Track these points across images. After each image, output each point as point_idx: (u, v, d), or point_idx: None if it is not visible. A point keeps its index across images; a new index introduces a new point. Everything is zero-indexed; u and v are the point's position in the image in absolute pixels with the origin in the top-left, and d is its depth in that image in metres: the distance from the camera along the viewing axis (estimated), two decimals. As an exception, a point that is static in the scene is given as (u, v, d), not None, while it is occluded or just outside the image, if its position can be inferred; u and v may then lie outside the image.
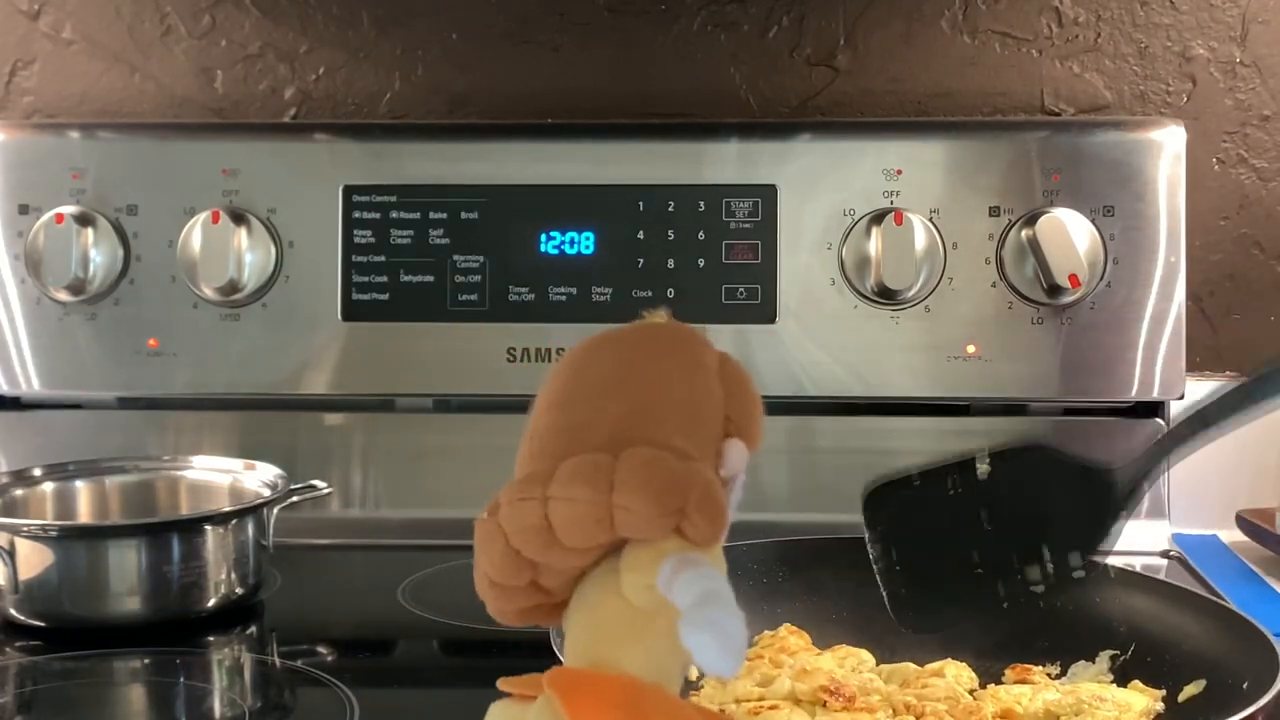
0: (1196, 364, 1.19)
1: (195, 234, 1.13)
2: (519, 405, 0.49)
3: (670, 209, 1.14)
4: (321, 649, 0.95)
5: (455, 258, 1.14)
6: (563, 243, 1.14)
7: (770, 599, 0.84)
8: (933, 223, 1.12)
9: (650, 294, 1.13)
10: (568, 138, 1.18)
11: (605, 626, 0.48)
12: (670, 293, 1.13)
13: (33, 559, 0.92)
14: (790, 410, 1.16)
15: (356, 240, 1.15)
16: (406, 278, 1.14)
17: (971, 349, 1.12)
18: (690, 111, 1.24)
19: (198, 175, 1.15)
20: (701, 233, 1.13)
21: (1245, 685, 0.69)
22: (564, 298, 1.14)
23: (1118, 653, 0.80)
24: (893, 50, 1.23)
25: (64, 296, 1.14)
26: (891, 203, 1.12)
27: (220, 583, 0.96)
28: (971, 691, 0.76)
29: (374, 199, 1.15)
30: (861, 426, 1.16)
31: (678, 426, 0.49)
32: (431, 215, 1.14)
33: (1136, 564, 1.05)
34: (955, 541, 0.72)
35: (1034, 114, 1.23)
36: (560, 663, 0.70)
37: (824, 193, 1.13)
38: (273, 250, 1.14)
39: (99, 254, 1.14)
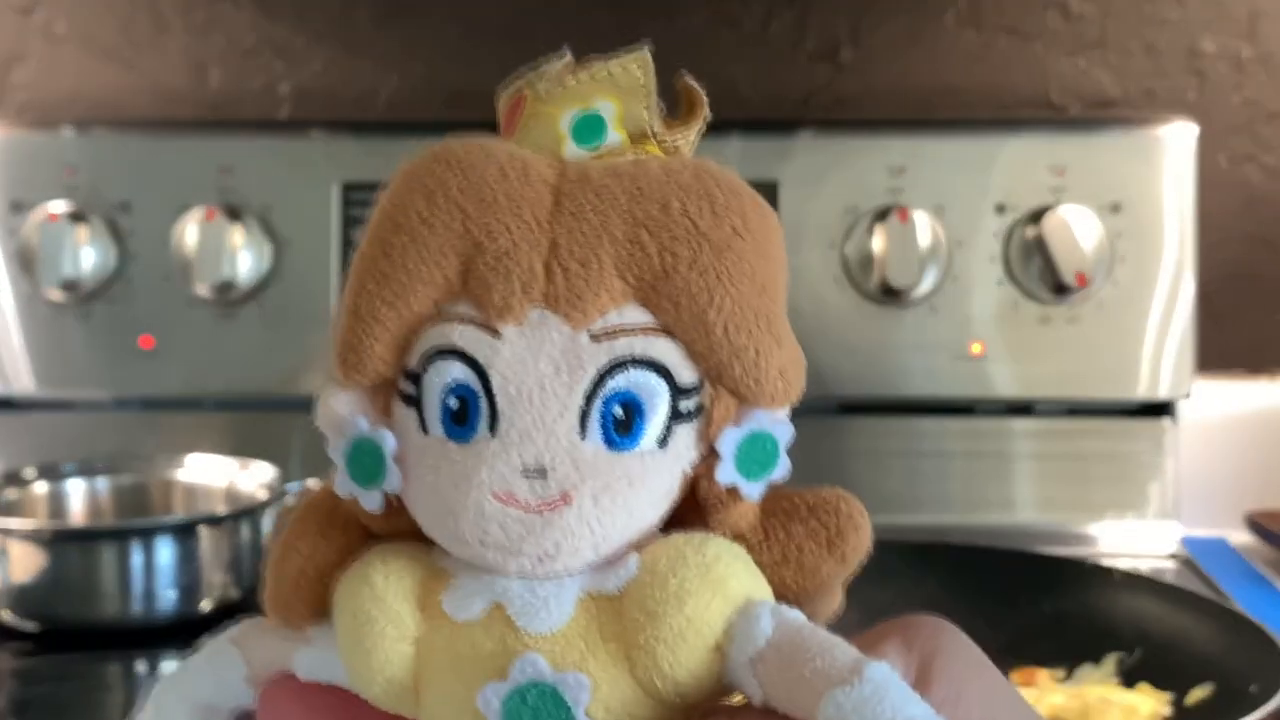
0: (1204, 363, 1.18)
1: (190, 232, 1.12)
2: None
3: (671, 206, 1.13)
4: (317, 652, 0.94)
5: (453, 256, 1.13)
6: (562, 240, 1.13)
7: (771, 601, 0.83)
8: (937, 220, 1.11)
9: (651, 292, 1.13)
10: (567, 134, 1.17)
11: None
12: (671, 291, 1.13)
13: (25, 561, 0.92)
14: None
15: (353, 238, 1.14)
16: (404, 276, 1.13)
17: (976, 348, 1.11)
18: (691, 108, 1.23)
19: (192, 172, 1.14)
20: (703, 230, 1.12)
21: (1253, 689, 0.69)
22: (563, 296, 1.13)
23: (1124, 655, 0.79)
24: (897, 46, 1.22)
25: (57, 295, 1.13)
26: (895, 200, 1.11)
27: (215, 585, 0.95)
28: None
29: (371, 196, 1.14)
30: (865, 426, 1.15)
31: None
32: (429, 213, 1.14)
33: (1143, 566, 1.04)
34: None
35: (1040, 110, 1.22)
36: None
37: (827, 190, 1.12)
38: (268, 248, 1.14)
39: (92, 252, 1.13)
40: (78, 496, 1.05)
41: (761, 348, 0.34)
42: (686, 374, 0.34)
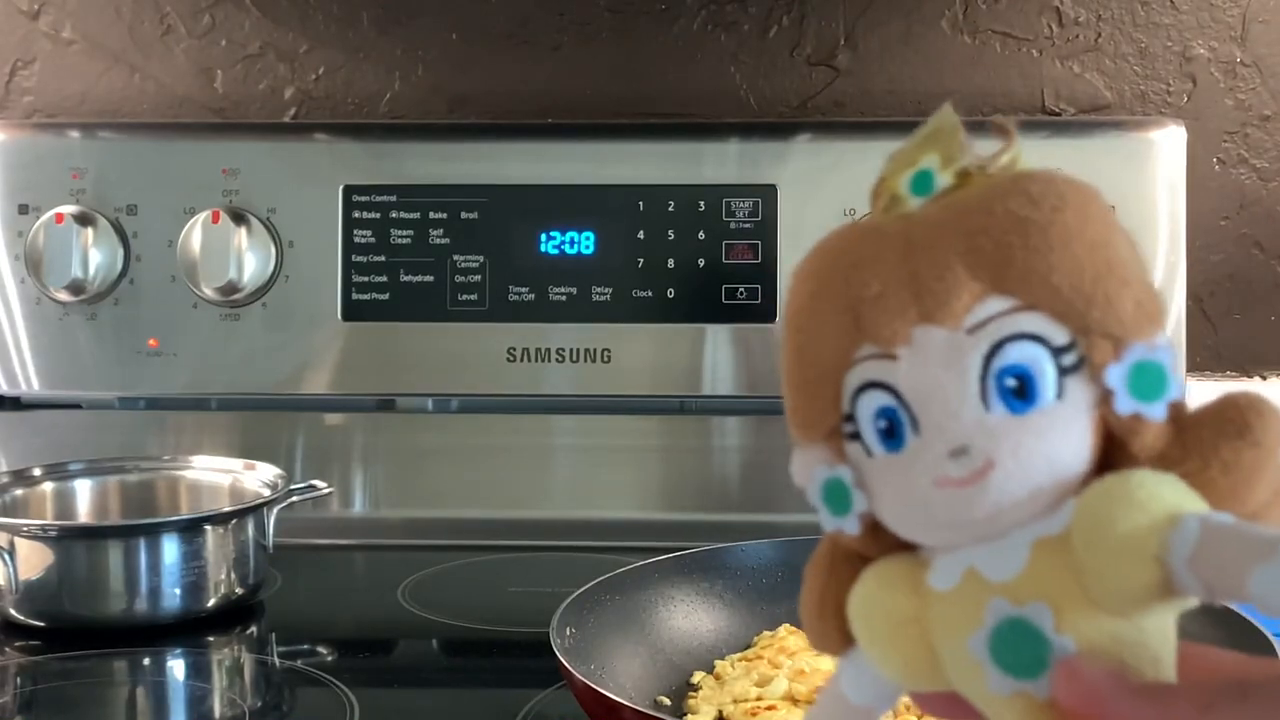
0: (1197, 364, 1.19)
1: (195, 234, 1.13)
2: (519, 405, 0.48)
3: (670, 209, 1.14)
4: (321, 649, 0.95)
5: (455, 257, 1.14)
6: (563, 243, 1.14)
7: (770, 599, 0.84)
8: (933, 223, 1.11)
9: (650, 294, 1.13)
10: (568, 137, 1.18)
11: None
12: (670, 293, 1.13)
13: (32, 559, 0.92)
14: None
15: (356, 240, 1.15)
16: (406, 277, 1.14)
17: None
18: (690, 111, 1.24)
19: (198, 175, 1.15)
20: (701, 233, 1.14)
21: (1245, 685, 0.69)
22: (564, 298, 1.14)
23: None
24: (893, 50, 1.23)
25: (64, 296, 1.14)
26: (891, 202, 1.12)
27: (220, 583, 0.96)
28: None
29: (374, 199, 1.15)
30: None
31: None
32: (431, 215, 1.15)
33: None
34: None
35: (1034, 114, 1.22)
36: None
37: (824, 193, 1.13)
38: (273, 250, 1.14)
39: (99, 254, 1.14)
40: (84, 495, 1.06)
41: (1109, 291, 0.39)
42: (1058, 335, 0.39)
